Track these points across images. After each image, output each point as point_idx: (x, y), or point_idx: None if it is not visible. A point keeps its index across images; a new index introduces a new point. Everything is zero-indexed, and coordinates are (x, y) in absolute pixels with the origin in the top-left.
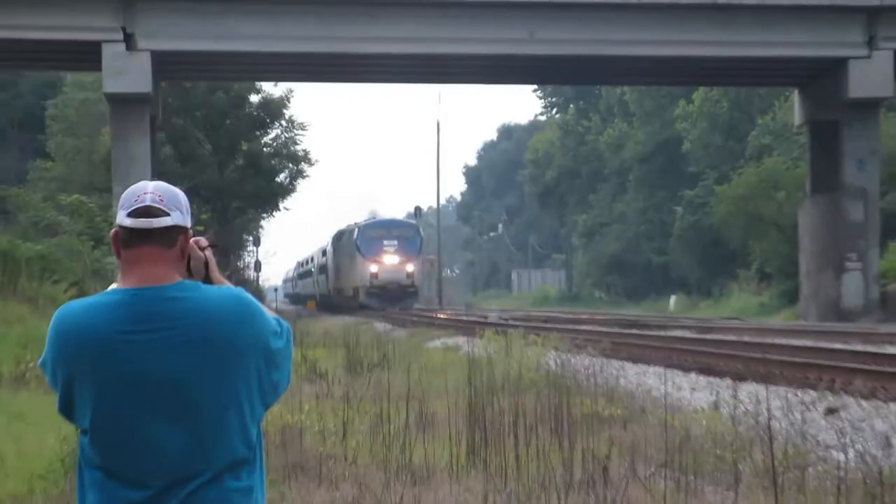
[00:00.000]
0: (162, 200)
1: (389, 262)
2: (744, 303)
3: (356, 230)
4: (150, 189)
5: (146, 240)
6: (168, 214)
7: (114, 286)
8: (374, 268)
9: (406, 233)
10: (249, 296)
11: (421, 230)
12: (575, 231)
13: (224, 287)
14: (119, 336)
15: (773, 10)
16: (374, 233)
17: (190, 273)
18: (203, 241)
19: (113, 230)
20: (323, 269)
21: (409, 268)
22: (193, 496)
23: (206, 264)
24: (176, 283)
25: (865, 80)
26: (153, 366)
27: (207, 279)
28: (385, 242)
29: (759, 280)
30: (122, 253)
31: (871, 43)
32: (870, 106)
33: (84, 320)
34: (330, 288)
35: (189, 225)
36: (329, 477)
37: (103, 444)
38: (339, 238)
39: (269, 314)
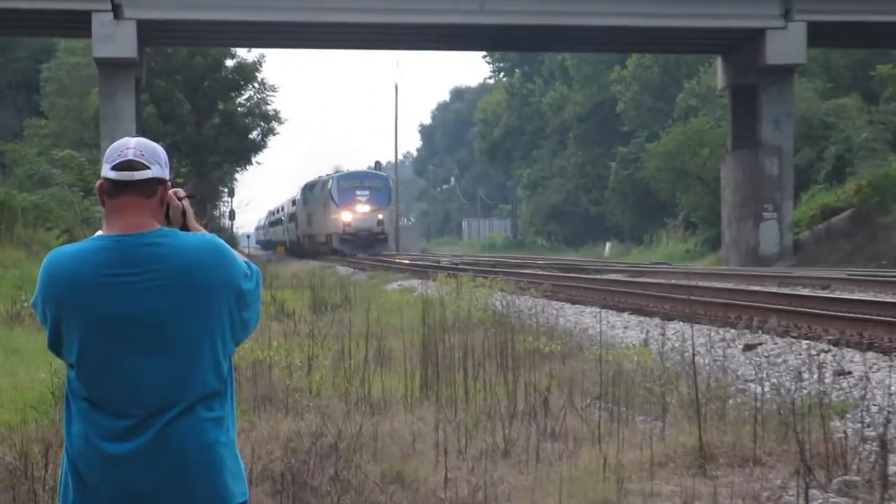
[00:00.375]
0: (143, 155)
1: (361, 210)
2: (671, 249)
3: (331, 181)
4: (132, 145)
5: (128, 190)
6: (148, 168)
7: (99, 233)
8: (347, 216)
9: (377, 184)
10: (222, 242)
11: (390, 182)
12: (520, 184)
13: (199, 234)
14: (103, 279)
15: None
16: (348, 184)
17: (169, 221)
18: (181, 191)
19: (98, 182)
20: (293, 217)
21: (380, 216)
22: (170, 425)
23: (184, 213)
24: (155, 230)
25: (781, 48)
26: (134, 306)
27: (185, 226)
28: (358, 193)
29: (685, 228)
30: (106, 202)
31: (786, 15)
32: (785, 72)
33: (71, 264)
34: (299, 235)
35: (167, 177)
36: (295, 408)
37: (88, 378)
38: (312, 188)
39: (241, 258)
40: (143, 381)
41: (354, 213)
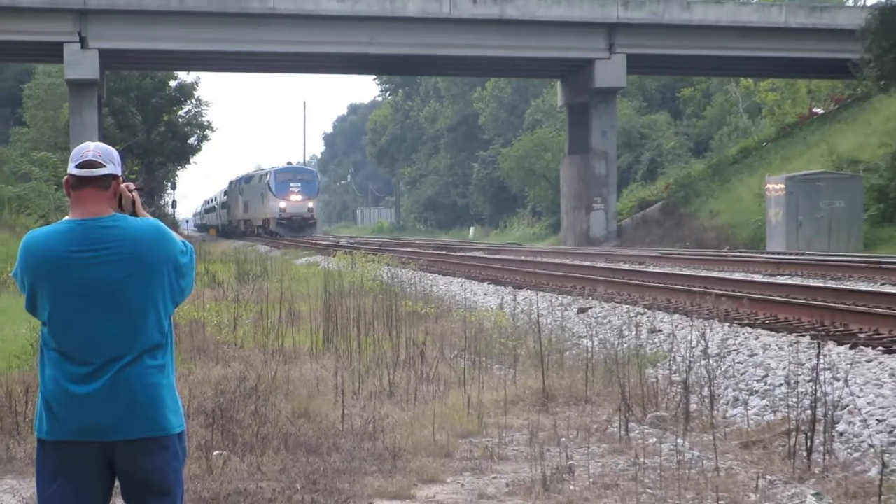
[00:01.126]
0: (100, 156)
1: (295, 199)
2: (522, 233)
3: (269, 174)
4: (91, 148)
5: (88, 184)
6: (104, 166)
7: (66, 218)
8: (283, 204)
9: (307, 177)
10: (163, 225)
11: (318, 175)
12: (402, 180)
13: (145, 218)
14: (68, 254)
15: (542, 24)
16: (284, 176)
17: (121, 208)
18: (131, 185)
19: (66, 177)
20: (224, 205)
21: (310, 204)
22: (122, 371)
23: (133, 202)
24: (110, 216)
25: (607, 74)
26: (93, 276)
27: (134, 213)
28: (291, 184)
29: (532, 216)
30: (71, 194)
31: (611, 49)
32: (610, 93)
33: (44, 243)
34: (230, 219)
35: (120, 174)
36: (223, 357)
37: (57, 333)
38: (250, 181)
39: (178, 238)
40: (101, 336)
41: (289, 202)
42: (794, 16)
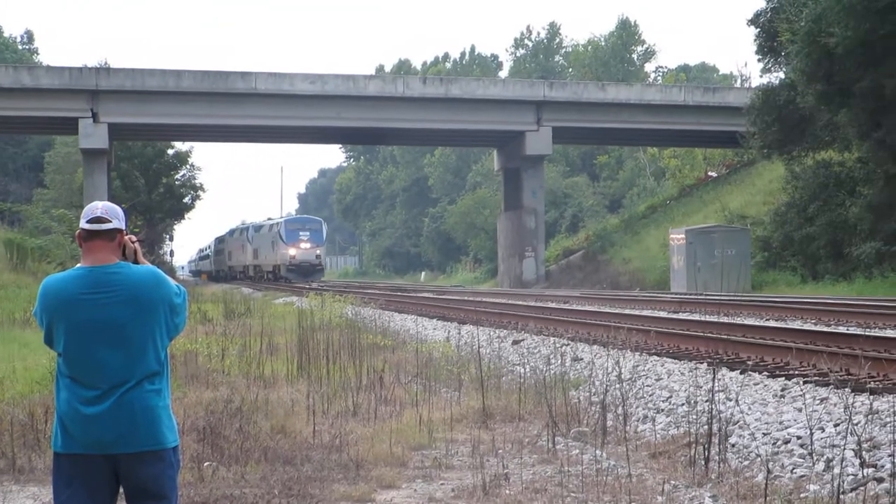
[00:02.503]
0: (107, 213)
1: (304, 247)
2: (465, 277)
3: (280, 223)
4: (99, 206)
5: (97, 237)
6: (110, 221)
7: (79, 265)
8: (293, 251)
9: (315, 226)
10: (160, 271)
11: (325, 225)
12: (364, 232)
13: (145, 266)
14: (80, 296)
15: (481, 101)
16: (293, 226)
17: (125, 257)
18: (134, 237)
19: (77, 231)
20: (215, 253)
21: (318, 252)
22: (125, 394)
23: (136, 252)
24: (115, 264)
25: (535, 144)
26: (101, 314)
27: (136, 261)
28: (301, 233)
29: (474, 263)
30: (82, 245)
31: (539, 122)
32: (538, 159)
33: (60, 286)
34: (219, 266)
35: (124, 228)
36: (213, 383)
37: (70, 362)
38: (259, 229)
39: (173, 282)
40: (107, 365)
41: (298, 249)
42: (692, 95)
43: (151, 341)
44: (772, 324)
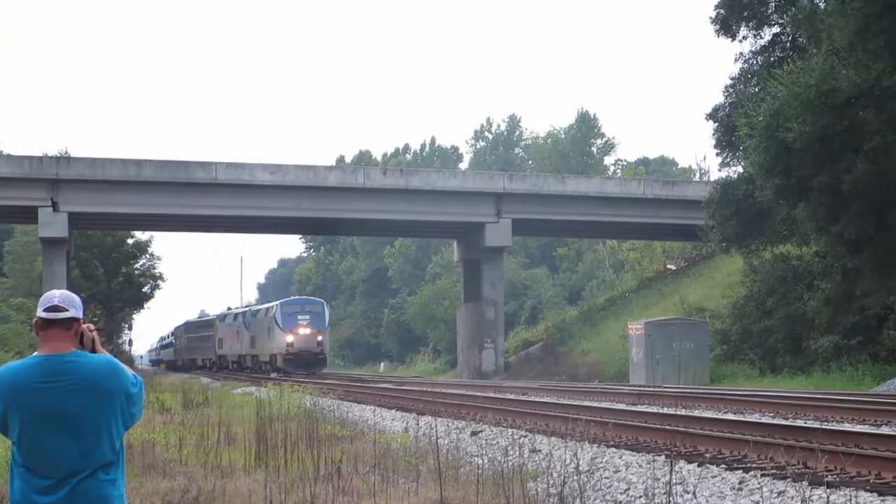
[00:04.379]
0: (64, 301)
1: (303, 332)
2: (425, 367)
3: (276, 306)
4: (57, 295)
5: (54, 325)
6: (67, 310)
7: (35, 353)
8: (290, 338)
9: (316, 308)
10: (117, 361)
11: (327, 307)
12: None
13: (101, 355)
14: (35, 385)
15: (441, 193)
16: (290, 309)
17: (82, 345)
18: (91, 326)
19: (35, 319)
20: (171, 344)
21: (319, 338)
22: (79, 484)
23: (93, 341)
24: (71, 352)
25: (495, 235)
26: (56, 403)
27: (94, 350)
28: (299, 317)
29: (433, 353)
30: (39, 333)
31: (498, 214)
32: (498, 251)
33: (15, 374)
34: (181, 356)
35: (81, 317)
36: (170, 472)
37: (25, 451)
38: (255, 314)
39: (130, 372)
40: (61, 454)
41: (296, 335)
42: (651, 188)
43: (107, 431)
44: (730, 416)
